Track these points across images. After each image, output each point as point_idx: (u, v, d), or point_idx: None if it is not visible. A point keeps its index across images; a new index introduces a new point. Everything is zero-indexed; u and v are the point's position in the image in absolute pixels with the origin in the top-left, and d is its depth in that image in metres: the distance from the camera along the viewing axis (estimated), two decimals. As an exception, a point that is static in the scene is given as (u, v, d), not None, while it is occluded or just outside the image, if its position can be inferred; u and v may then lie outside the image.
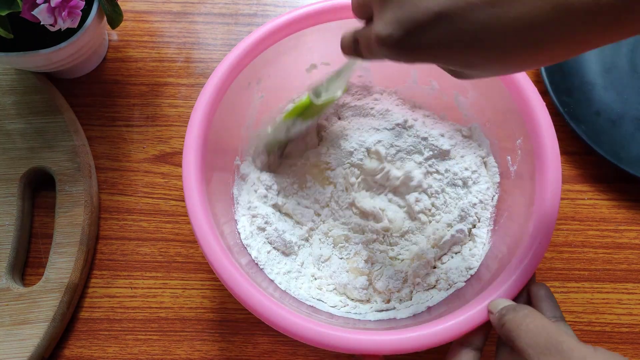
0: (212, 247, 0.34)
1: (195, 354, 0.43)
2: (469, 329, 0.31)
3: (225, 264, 0.33)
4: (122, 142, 0.49)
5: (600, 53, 0.52)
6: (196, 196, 0.35)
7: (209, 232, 0.34)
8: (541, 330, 0.27)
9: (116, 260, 0.45)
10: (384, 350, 0.31)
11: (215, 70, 0.38)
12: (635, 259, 0.45)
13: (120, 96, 0.51)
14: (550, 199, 0.34)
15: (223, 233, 0.37)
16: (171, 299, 0.44)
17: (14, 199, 0.45)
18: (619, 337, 0.43)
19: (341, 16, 0.40)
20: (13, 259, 0.44)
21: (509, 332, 0.29)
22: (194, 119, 0.37)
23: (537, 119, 0.36)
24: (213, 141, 0.38)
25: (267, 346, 0.43)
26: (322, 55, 0.44)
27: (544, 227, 0.33)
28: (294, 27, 0.40)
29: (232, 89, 0.39)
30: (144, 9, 0.54)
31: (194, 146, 0.36)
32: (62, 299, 0.42)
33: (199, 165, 0.36)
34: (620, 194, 0.47)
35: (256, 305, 0.32)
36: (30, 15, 0.38)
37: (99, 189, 0.47)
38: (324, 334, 0.31)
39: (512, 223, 0.39)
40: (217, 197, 0.39)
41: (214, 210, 0.37)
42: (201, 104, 0.37)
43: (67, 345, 0.43)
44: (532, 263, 0.33)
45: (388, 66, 0.45)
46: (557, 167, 0.35)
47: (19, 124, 0.47)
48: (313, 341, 0.31)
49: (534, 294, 0.33)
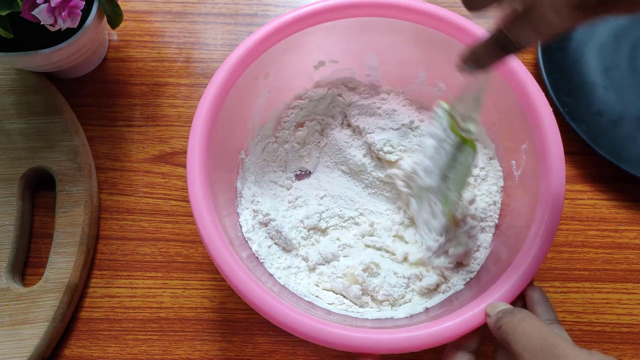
0: (214, 239, 0.33)
1: (195, 354, 0.43)
2: (465, 331, 0.31)
3: (226, 257, 0.33)
4: (122, 142, 0.49)
5: (600, 53, 0.52)
6: (199, 188, 0.35)
7: (211, 225, 0.34)
8: (537, 334, 0.27)
9: (116, 260, 0.45)
10: (380, 349, 0.31)
11: (225, 62, 0.38)
12: (635, 259, 0.45)
13: (120, 96, 0.51)
14: (552, 206, 0.34)
15: (225, 226, 0.37)
16: (171, 299, 0.44)
17: (14, 199, 0.45)
18: (619, 337, 0.43)
19: (349, 14, 0.41)
20: (13, 259, 0.44)
21: (506, 335, 0.29)
22: (201, 111, 0.37)
23: (544, 124, 0.37)
24: (219, 133, 0.38)
25: (267, 346, 0.43)
26: (329, 53, 0.44)
27: (545, 233, 0.33)
28: (302, 24, 0.40)
29: (240, 82, 0.40)
30: (144, 9, 0.54)
31: (199, 140, 0.36)
32: (62, 299, 0.42)
33: (203, 159, 0.36)
34: (620, 194, 0.47)
35: (254, 298, 0.32)
36: (30, 15, 0.38)
37: (99, 189, 0.47)
38: (320, 329, 0.31)
39: (514, 227, 0.39)
40: (221, 189, 0.39)
41: (217, 202, 0.37)
42: (208, 95, 0.37)
43: (67, 345, 0.43)
44: (531, 267, 0.33)
45: (396, 66, 0.46)
46: (562, 174, 0.35)
47: (19, 124, 0.47)
48: (309, 336, 0.31)
49: (529, 297, 0.33)
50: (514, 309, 0.30)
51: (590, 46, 0.52)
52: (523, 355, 0.27)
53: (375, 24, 0.42)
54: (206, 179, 0.35)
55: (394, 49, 0.44)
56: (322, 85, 0.47)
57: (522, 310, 0.30)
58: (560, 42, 0.52)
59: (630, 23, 0.53)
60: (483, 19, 0.55)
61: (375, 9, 0.41)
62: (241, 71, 0.39)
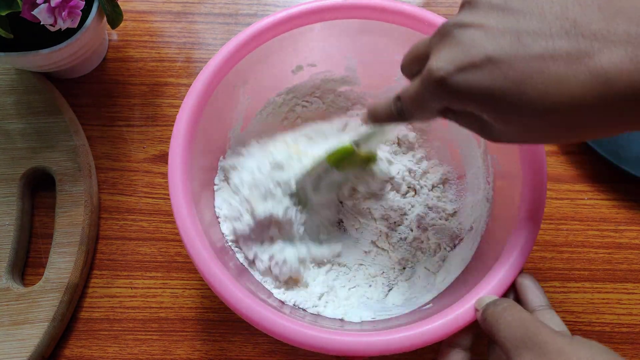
0: (201, 253, 0.33)
1: (195, 354, 0.43)
2: (455, 328, 0.31)
3: (214, 271, 0.33)
4: (122, 142, 0.49)
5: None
6: (183, 203, 0.34)
7: (198, 240, 0.33)
8: (519, 323, 0.27)
9: (116, 260, 0.45)
10: (370, 352, 0.31)
11: (201, 73, 0.38)
12: (635, 259, 0.45)
13: (120, 96, 0.51)
14: (535, 198, 0.34)
15: (209, 234, 0.36)
16: (171, 299, 0.44)
17: (14, 199, 0.45)
18: (619, 337, 0.43)
19: (324, 17, 0.40)
20: (13, 259, 0.44)
21: (490, 326, 0.29)
22: (180, 122, 0.36)
23: None
24: (200, 144, 0.38)
25: (267, 346, 0.43)
26: (307, 57, 0.44)
27: (530, 224, 0.33)
28: (279, 29, 0.40)
29: (218, 91, 0.39)
30: (144, 9, 0.54)
31: (179, 154, 0.36)
32: (62, 299, 0.42)
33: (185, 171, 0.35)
34: (620, 194, 0.47)
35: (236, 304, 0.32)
36: (30, 15, 0.38)
37: (99, 189, 0.47)
38: (307, 335, 0.31)
39: (499, 223, 0.39)
40: (203, 198, 0.39)
41: (201, 213, 0.36)
42: (187, 106, 0.37)
43: (67, 345, 0.43)
44: (518, 262, 0.32)
45: (375, 67, 0.45)
46: (542, 167, 0.35)
47: (19, 124, 0.47)
48: (296, 342, 0.31)
49: (519, 284, 0.33)
50: (497, 300, 0.30)
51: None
52: (506, 345, 0.27)
53: (352, 25, 0.41)
54: (189, 191, 0.35)
55: (371, 50, 0.44)
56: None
57: (505, 300, 0.30)
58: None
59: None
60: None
61: (351, 11, 0.40)
62: (218, 80, 0.39)
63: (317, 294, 0.41)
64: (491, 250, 0.37)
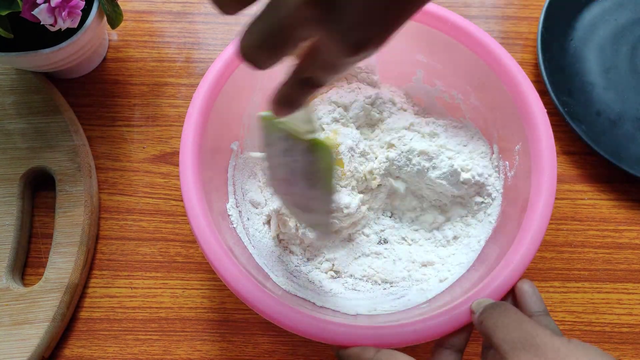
0: (214, 247, 0.34)
1: (195, 354, 0.43)
2: (450, 328, 0.31)
3: (226, 264, 0.33)
4: (122, 142, 0.49)
5: (600, 53, 0.52)
6: (193, 190, 0.35)
7: (210, 235, 0.34)
8: (516, 325, 0.27)
9: (116, 260, 0.45)
10: (364, 345, 0.31)
11: (218, 58, 0.39)
12: (635, 259, 0.45)
13: (120, 96, 0.51)
14: (542, 208, 0.34)
15: (221, 229, 0.37)
16: (171, 299, 0.44)
17: (14, 199, 0.45)
18: (619, 337, 0.43)
19: None
20: (13, 259, 0.44)
21: (487, 329, 0.29)
22: (194, 108, 0.37)
23: (537, 126, 0.37)
24: (212, 132, 0.38)
25: (267, 346, 0.43)
26: None
27: (533, 233, 0.34)
28: None
29: (231, 80, 0.40)
30: (144, 9, 0.54)
31: (191, 137, 0.37)
32: (62, 299, 0.42)
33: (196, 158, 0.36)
34: (620, 194, 0.47)
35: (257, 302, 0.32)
36: (30, 15, 0.38)
37: (99, 189, 0.47)
38: (308, 323, 0.32)
39: (504, 228, 0.39)
40: (213, 187, 0.40)
41: (210, 203, 0.37)
42: (200, 93, 0.38)
43: (67, 345, 0.43)
44: (519, 268, 0.33)
45: (394, 64, 0.45)
46: (553, 176, 0.35)
47: (19, 124, 0.47)
48: (298, 330, 0.32)
49: (518, 289, 0.33)
50: (495, 303, 0.30)
51: (590, 46, 0.52)
52: (503, 347, 0.27)
53: None
54: (199, 177, 0.36)
55: (391, 46, 0.44)
56: None
57: (503, 304, 0.30)
58: (560, 42, 0.52)
59: (631, 23, 0.53)
60: (482, 19, 0.55)
61: None
62: (234, 67, 0.39)
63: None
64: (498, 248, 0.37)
